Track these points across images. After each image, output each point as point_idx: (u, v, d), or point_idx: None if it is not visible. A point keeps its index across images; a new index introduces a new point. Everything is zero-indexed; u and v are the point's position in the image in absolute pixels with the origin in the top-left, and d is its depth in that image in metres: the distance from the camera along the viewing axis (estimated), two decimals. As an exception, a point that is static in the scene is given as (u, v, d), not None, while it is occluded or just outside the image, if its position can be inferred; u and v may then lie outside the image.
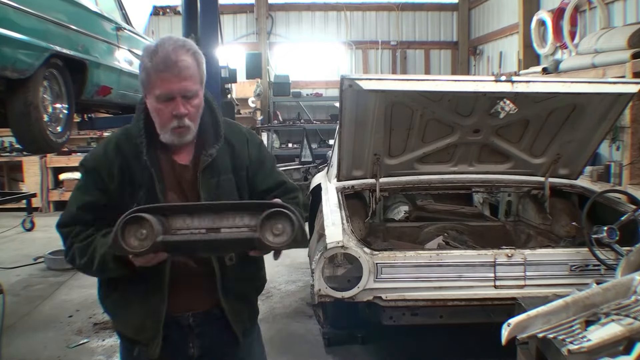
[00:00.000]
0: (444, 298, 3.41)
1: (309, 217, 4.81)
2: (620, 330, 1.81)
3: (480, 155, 4.28)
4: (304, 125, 10.44)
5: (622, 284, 2.09)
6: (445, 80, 3.79)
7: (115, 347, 4.22)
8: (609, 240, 3.42)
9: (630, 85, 3.69)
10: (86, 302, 5.18)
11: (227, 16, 12.40)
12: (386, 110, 3.77)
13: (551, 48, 8.63)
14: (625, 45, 5.67)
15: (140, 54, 1.93)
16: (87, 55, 4.19)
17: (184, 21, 5.69)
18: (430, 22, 13.12)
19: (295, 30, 12.87)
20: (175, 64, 1.80)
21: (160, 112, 1.86)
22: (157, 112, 1.86)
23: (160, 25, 12.34)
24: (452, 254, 3.49)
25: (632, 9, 6.83)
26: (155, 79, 1.82)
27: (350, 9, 12.88)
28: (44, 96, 3.70)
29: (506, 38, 10.86)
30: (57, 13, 3.77)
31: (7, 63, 3.23)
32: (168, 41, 1.84)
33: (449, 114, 3.87)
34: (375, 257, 3.35)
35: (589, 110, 3.86)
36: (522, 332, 1.93)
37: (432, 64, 13.13)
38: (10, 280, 5.74)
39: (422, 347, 4.15)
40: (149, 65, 1.82)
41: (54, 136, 3.85)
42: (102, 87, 4.55)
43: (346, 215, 3.71)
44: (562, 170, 4.36)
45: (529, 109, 3.81)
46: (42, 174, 9.53)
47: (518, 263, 3.40)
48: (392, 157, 4.17)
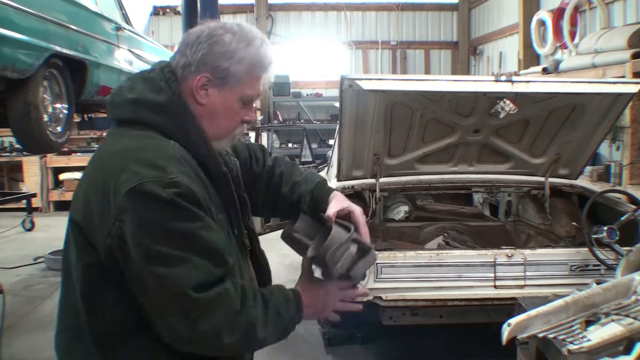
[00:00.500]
0: (444, 298, 3.41)
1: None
2: (620, 330, 1.81)
3: (480, 155, 4.28)
4: (304, 125, 10.45)
5: (622, 284, 2.09)
6: (445, 80, 3.79)
7: (115, 347, 4.22)
8: (609, 240, 3.42)
9: (630, 85, 3.69)
10: (86, 302, 5.18)
11: (227, 16, 12.39)
12: (386, 110, 3.77)
13: (551, 48, 8.63)
14: (625, 45, 5.67)
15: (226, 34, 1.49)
16: (87, 55, 4.20)
17: (184, 21, 5.70)
18: (430, 22, 13.13)
19: (295, 30, 12.87)
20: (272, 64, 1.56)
21: (234, 116, 1.55)
22: (230, 115, 1.54)
23: (160, 25, 12.35)
24: (452, 254, 3.49)
25: (632, 9, 6.83)
26: (255, 76, 1.52)
27: (350, 9, 12.88)
28: (44, 96, 3.70)
29: (506, 38, 10.87)
30: (57, 13, 3.77)
31: (7, 63, 3.24)
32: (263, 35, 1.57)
33: (449, 114, 3.87)
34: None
35: (589, 110, 3.86)
36: (522, 332, 1.93)
37: (432, 64, 13.13)
38: (10, 280, 5.73)
39: (422, 347, 4.15)
40: (259, 59, 1.51)
41: (54, 136, 3.85)
42: (102, 87, 4.55)
43: (346, 215, 3.70)
44: (562, 170, 4.36)
45: (529, 109, 3.81)
46: (42, 174, 9.52)
47: (518, 263, 3.40)
48: (392, 157, 4.17)
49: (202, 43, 1.49)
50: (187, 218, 1.37)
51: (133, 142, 1.45)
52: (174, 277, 1.34)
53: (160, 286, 1.36)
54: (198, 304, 1.35)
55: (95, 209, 1.40)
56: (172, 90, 1.48)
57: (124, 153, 1.43)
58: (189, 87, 1.50)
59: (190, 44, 1.51)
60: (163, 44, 7.63)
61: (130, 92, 1.50)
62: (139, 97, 1.48)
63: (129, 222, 1.34)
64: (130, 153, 1.42)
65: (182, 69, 1.51)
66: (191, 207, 1.37)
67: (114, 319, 1.45)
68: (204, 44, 1.49)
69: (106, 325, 1.45)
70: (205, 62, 1.48)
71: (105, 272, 1.42)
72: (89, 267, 1.44)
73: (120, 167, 1.39)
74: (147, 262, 1.35)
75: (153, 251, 1.34)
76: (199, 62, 1.49)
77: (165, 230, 1.35)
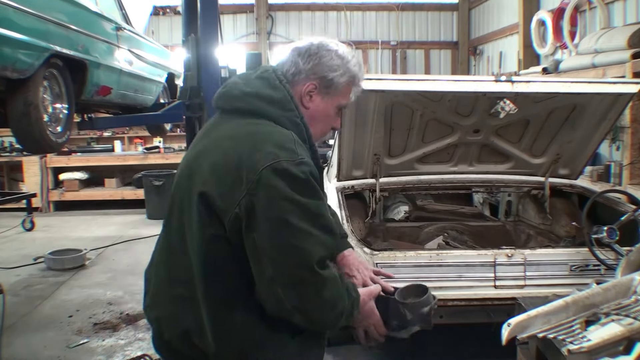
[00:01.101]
0: (444, 298, 3.39)
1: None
2: (620, 330, 1.81)
3: (480, 155, 4.28)
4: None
5: (622, 284, 2.09)
6: (445, 80, 3.79)
7: (115, 347, 4.22)
8: (609, 240, 3.42)
9: (630, 85, 3.69)
10: (86, 302, 5.17)
11: (227, 16, 12.40)
12: (386, 110, 3.77)
13: (551, 48, 8.63)
14: (625, 45, 5.67)
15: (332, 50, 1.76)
16: (87, 55, 4.19)
17: (184, 21, 5.68)
18: (430, 22, 13.13)
19: (295, 30, 12.87)
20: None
21: (329, 121, 1.81)
22: (327, 120, 1.80)
23: (160, 25, 12.36)
24: (452, 254, 3.49)
25: (632, 9, 6.83)
26: (350, 89, 1.79)
27: (350, 9, 12.88)
28: (44, 96, 3.70)
29: (506, 38, 10.87)
30: (57, 13, 3.76)
31: (7, 63, 3.23)
32: (358, 56, 1.83)
33: (449, 114, 3.87)
34: (375, 257, 3.35)
35: (589, 110, 3.86)
36: (522, 332, 1.93)
37: (432, 64, 13.13)
38: (10, 280, 5.73)
39: (422, 347, 4.15)
40: (356, 74, 1.78)
41: (54, 136, 3.84)
42: (102, 87, 4.55)
43: (346, 215, 3.71)
44: (562, 170, 4.36)
45: (529, 109, 3.81)
46: (42, 174, 9.52)
47: (518, 263, 3.40)
48: (392, 157, 4.17)
49: (312, 55, 1.74)
50: (316, 195, 1.57)
51: (259, 128, 1.64)
52: (301, 249, 1.50)
53: (284, 256, 1.50)
54: (316, 278, 1.52)
55: (227, 182, 1.56)
56: (287, 90, 1.70)
57: (253, 135, 1.61)
58: (297, 91, 1.73)
59: (302, 54, 1.75)
60: (163, 44, 7.63)
61: (247, 87, 1.71)
62: (257, 91, 1.69)
63: (263, 196, 1.50)
64: (260, 136, 1.60)
65: (292, 75, 1.74)
66: (317, 186, 1.58)
67: (229, 287, 1.60)
68: (314, 57, 1.74)
69: (223, 291, 1.60)
70: (314, 72, 1.73)
71: (228, 242, 1.57)
72: (213, 238, 1.59)
73: (253, 147, 1.56)
74: (276, 232, 1.50)
75: (284, 222, 1.50)
76: (309, 71, 1.73)
77: (297, 204, 1.51)
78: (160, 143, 10.14)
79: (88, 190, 9.93)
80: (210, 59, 5.07)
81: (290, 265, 1.51)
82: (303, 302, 1.53)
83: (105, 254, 6.84)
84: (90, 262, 6.47)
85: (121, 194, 9.79)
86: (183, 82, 5.80)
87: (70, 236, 7.84)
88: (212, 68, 5.06)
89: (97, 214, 9.30)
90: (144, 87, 5.65)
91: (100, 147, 10.67)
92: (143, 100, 5.73)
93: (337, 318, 1.61)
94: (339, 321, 1.63)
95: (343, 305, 1.60)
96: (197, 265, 1.61)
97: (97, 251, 6.88)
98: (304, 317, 1.57)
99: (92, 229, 8.34)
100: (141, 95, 5.61)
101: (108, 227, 8.45)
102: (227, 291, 1.61)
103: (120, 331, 4.51)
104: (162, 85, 6.33)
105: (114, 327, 4.57)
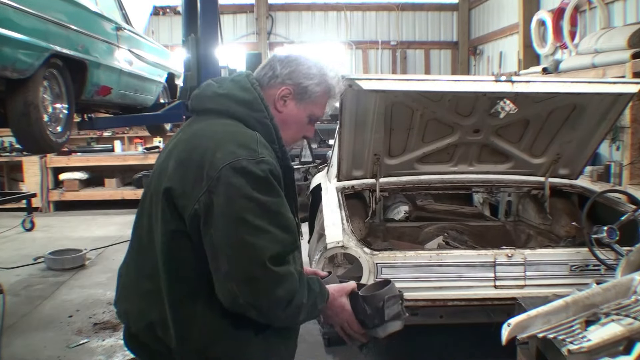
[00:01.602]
0: (444, 298, 3.41)
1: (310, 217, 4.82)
2: (620, 330, 1.81)
3: (480, 155, 4.28)
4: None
5: (622, 284, 2.09)
6: (445, 80, 3.79)
7: (115, 347, 4.22)
8: (609, 240, 3.42)
9: (630, 85, 3.69)
10: (86, 302, 5.18)
11: (227, 16, 12.41)
12: (386, 110, 3.77)
13: (551, 48, 8.64)
14: (625, 45, 5.68)
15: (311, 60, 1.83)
16: (87, 55, 4.19)
17: (184, 21, 5.68)
18: (430, 22, 13.14)
19: (295, 30, 12.88)
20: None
21: (301, 129, 1.86)
22: (298, 127, 1.85)
23: (160, 25, 12.37)
24: (452, 254, 3.49)
25: (632, 9, 6.84)
26: (325, 100, 1.85)
27: (350, 9, 12.89)
28: (44, 96, 3.70)
29: (506, 38, 10.88)
30: (57, 13, 3.76)
31: (7, 63, 3.23)
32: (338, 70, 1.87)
33: (449, 114, 3.87)
34: (375, 257, 3.35)
35: (589, 110, 3.86)
36: (522, 332, 1.93)
37: (432, 64, 13.14)
38: (10, 280, 5.73)
39: (422, 347, 4.15)
40: (333, 87, 1.83)
41: (54, 136, 3.84)
42: (102, 87, 4.55)
43: (346, 215, 3.71)
44: (562, 170, 4.36)
45: (529, 109, 3.81)
46: (42, 174, 9.52)
47: (518, 263, 3.40)
48: (392, 157, 4.17)
49: (290, 62, 1.80)
50: (274, 194, 1.60)
51: (224, 127, 1.69)
52: (255, 245, 1.53)
53: (239, 252, 1.53)
54: (269, 274, 1.53)
55: (189, 179, 1.60)
56: (257, 92, 1.75)
57: (217, 135, 1.66)
58: (271, 95, 1.78)
59: (281, 60, 1.81)
60: (163, 44, 7.63)
61: (219, 89, 1.77)
62: (228, 92, 1.75)
63: (222, 193, 1.54)
64: (223, 135, 1.65)
65: (268, 79, 1.79)
66: (276, 184, 1.61)
67: (191, 282, 1.64)
68: (292, 63, 1.80)
69: (185, 287, 1.64)
70: (290, 77, 1.79)
71: (189, 238, 1.61)
72: (174, 234, 1.63)
73: (215, 146, 1.61)
74: (232, 229, 1.53)
75: (241, 219, 1.53)
76: (285, 76, 1.78)
77: (255, 202, 1.55)
78: (160, 143, 10.14)
79: (88, 190, 9.94)
80: (210, 59, 5.07)
81: (243, 261, 1.53)
82: (256, 298, 1.55)
83: (105, 254, 6.84)
84: (90, 262, 6.47)
85: (121, 194, 9.79)
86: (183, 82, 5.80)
87: (70, 236, 7.84)
88: (212, 68, 5.06)
89: (97, 214, 9.30)
90: (144, 87, 5.65)
91: (100, 147, 10.67)
92: (143, 100, 5.73)
93: (294, 314, 1.62)
94: (297, 317, 1.65)
95: (301, 301, 1.61)
96: (161, 261, 1.65)
97: (97, 251, 6.88)
98: (259, 313, 1.58)
99: (92, 229, 8.34)
100: (141, 95, 5.61)
101: (108, 227, 8.45)
102: (190, 286, 1.64)
103: (120, 331, 4.49)
104: (162, 85, 6.32)
105: (114, 327, 4.57)
